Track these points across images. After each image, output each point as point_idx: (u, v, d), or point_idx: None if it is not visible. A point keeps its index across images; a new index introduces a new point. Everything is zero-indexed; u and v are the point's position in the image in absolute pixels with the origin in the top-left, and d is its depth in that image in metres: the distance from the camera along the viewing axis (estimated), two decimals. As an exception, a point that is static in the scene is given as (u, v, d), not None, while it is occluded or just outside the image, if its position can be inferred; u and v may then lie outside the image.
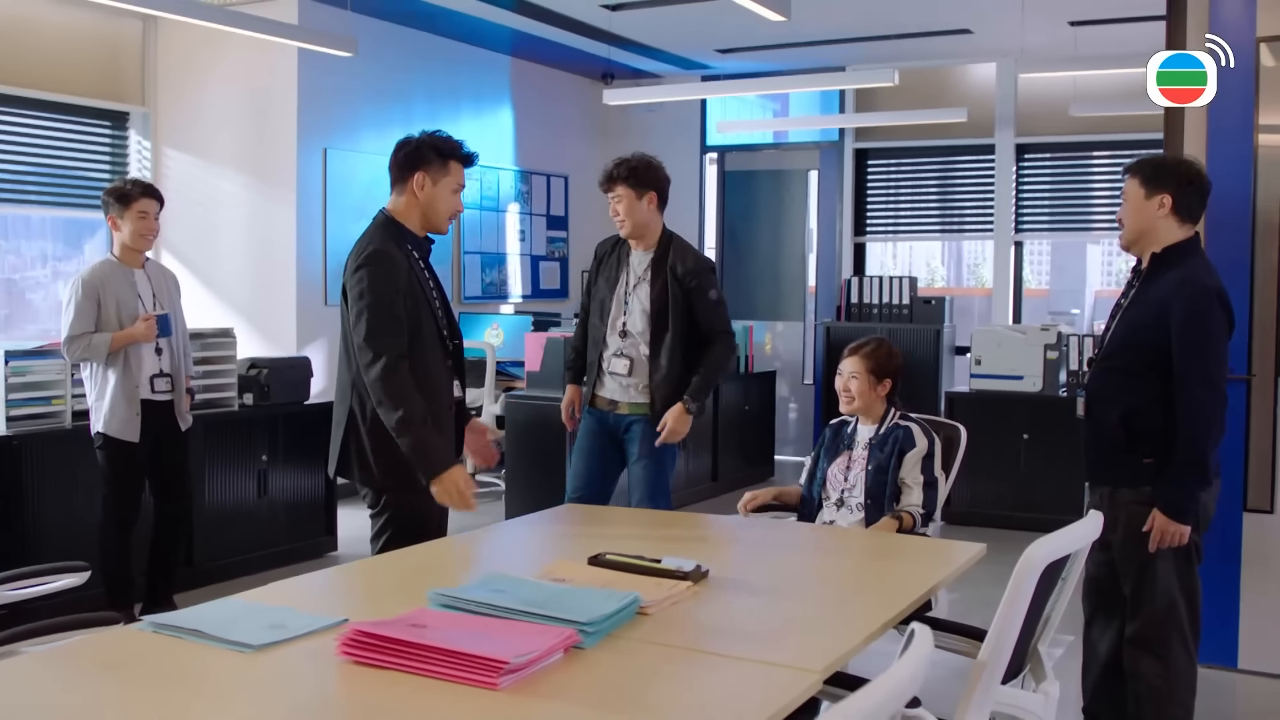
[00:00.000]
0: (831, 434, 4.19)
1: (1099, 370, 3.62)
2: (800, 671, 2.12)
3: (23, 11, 7.20)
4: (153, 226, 5.03)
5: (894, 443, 3.98)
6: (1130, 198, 3.53)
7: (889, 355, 4.11)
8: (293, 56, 7.67)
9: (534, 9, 8.13)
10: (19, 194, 7.36)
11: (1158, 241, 3.50)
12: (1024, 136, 9.49)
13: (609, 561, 2.79)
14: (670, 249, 4.55)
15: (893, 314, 9.16)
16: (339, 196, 8.04)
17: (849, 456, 4.06)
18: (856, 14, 8.17)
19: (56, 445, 5.24)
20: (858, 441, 4.08)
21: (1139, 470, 3.46)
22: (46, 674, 2.20)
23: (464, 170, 3.78)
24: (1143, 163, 3.57)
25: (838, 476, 4.05)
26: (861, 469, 4.01)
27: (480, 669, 2.02)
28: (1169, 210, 3.47)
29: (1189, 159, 3.60)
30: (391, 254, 3.60)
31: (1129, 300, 3.58)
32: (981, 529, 6.23)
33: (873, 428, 4.07)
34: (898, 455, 3.95)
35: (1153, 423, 3.43)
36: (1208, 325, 3.37)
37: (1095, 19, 8.02)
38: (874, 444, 4.02)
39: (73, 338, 4.85)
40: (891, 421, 4.06)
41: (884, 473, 3.95)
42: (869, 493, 3.95)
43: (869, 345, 4.13)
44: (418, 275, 3.65)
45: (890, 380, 4.08)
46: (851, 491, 4.00)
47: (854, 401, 4.06)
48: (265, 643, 2.22)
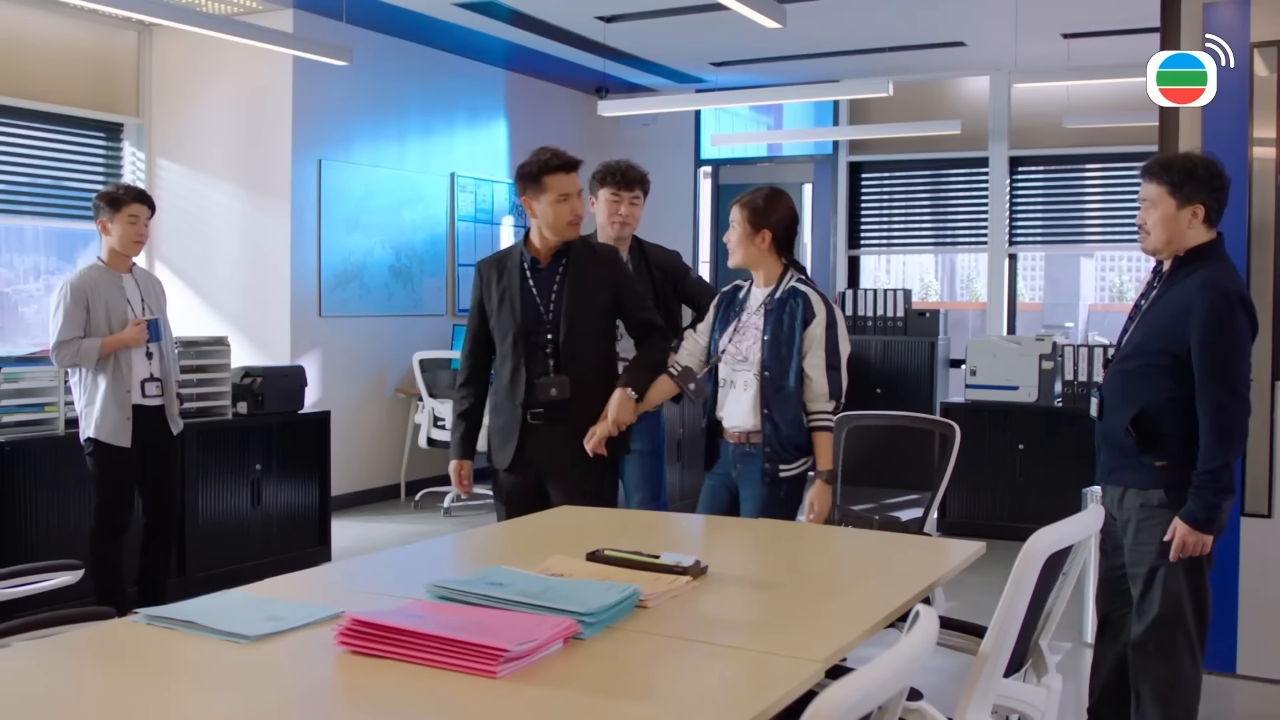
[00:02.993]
0: (725, 301, 3.94)
1: (1115, 371, 3.55)
2: (801, 661, 2.10)
3: (17, 22, 7.19)
4: (142, 232, 4.99)
5: (791, 313, 3.73)
6: (1158, 205, 3.41)
7: (767, 202, 3.81)
8: (288, 68, 7.67)
9: (529, 21, 8.15)
10: (13, 205, 7.34)
11: (1184, 246, 3.43)
12: (1018, 149, 9.52)
13: (607, 557, 2.77)
14: (644, 249, 4.70)
15: (887, 327, 9.18)
16: (333, 207, 8.04)
17: (739, 323, 3.83)
18: (850, 27, 8.19)
19: (49, 452, 5.22)
20: (749, 305, 3.83)
21: (1151, 473, 3.43)
22: (38, 664, 2.17)
23: (567, 178, 3.96)
24: (1168, 167, 3.42)
25: (728, 346, 3.83)
26: (756, 339, 3.77)
27: (479, 657, 2.00)
28: (1201, 219, 3.40)
29: (1209, 158, 3.48)
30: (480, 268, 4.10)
31: (1149, 301, 3.51)
32: (977, 539, 6.19)
33: (766, 290, 3.82)
34: (802, 328, 3.71)
35: (1166, 426, 3.39)
36: (1231, 330, 3.31)
37: (1088, 31, 8.05)
38: (769, 310, 3.77)
39: (62, 343, 4.81)
40: (788, 284, 3.80)
41: (782, 347, 3.72)
42: (766, 366, 3.73)
43: (749, 193, 3.85)
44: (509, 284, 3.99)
45: (770, 233, 3.79)
46: (744, 363, 3.78)
47: (734, 255, 3.83)
48: (262, 634, 2.19)
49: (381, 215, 8.42)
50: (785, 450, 3.75)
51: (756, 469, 3.77)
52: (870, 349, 9.18)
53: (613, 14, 7.97)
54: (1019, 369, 7.23)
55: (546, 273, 3.98)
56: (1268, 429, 4.61)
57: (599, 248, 4.18)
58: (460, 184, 9.13)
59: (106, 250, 4.99)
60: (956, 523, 6.97)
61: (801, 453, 3.78)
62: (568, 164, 3.96)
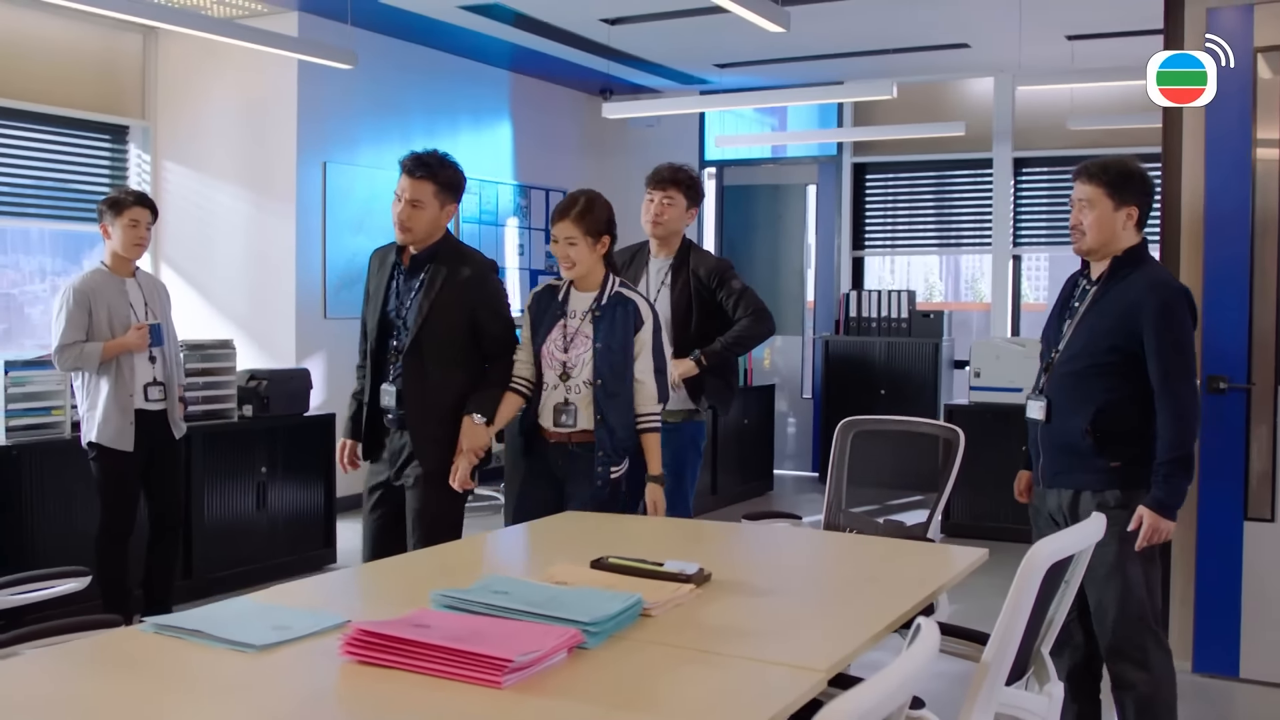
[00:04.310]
0: (538, 305, 3.92)
1: (1062, 374, 3.58)
2: (804, 671, 2.12)
3: (22, 25, 7.21)
4: (143, 236, 4.98)
5: (622, 320, 3.79)
6: (1095, 206, 3.51)
7: (604, 209, 3.84)
8: (292, 71, 7.69)
9: (533, 24, 8.16)
10: (18, 207, 7.36)
11: (1118, 248, 3.53)
12: (1021, 150, 9.52)
13: (611, 565, 2.79)
14: (690, 254, 4.64)
15: (891, 328, 9.19)
16: (338, 210, 8.05)
17: (564, 327, 3.84)
18: (854, 29, 8.19)
19: (55, 455, 5.24)
20: (573, 310, 3.85)
21: (1106, 474, 3.48)
22: (45, 673, 2.19)
23: (402, 179, 3.95)
24: (1105, 169, 3.52)
25: (554, 352, 3.84)
26: (587, 346, 3.80)
27: (484, 668, 2.01)
28: (1134, 221, 3.51)
29: (1141, 165, 3.60)
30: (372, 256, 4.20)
31: (1086, 303, 3.58)
32: (981, 540, 6.17)
33: (590, 295, 3.85)
34: (633, 333, 3.79)
35: (1122, 424, 3.45)
36: (1184, 326, 3.43)
37: (1092, 33, 8.04)
38: (597, 317, 3.81)
39: (64, 346, 4.80)
40: (613, 290, 3.85)
41: (615, 354, 3.78)
42: (599, 373, 3.77)
43: (578, 205, 3.80)
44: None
45: (609, 238, 3.84)
46: (576, 369, 3.80)
47: (574, 268, 3.80)
48: (268, 643, 2.21)
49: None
50: (617, 453, 3.84)
51: (587, 471, 3.83)
52: (874, 350, 9.19)
53: (616, 16, 7.99)
54: (1023, 371, 7.23)
55: (409, 277, 3.94)
56: (1270, 433, 4.62)
57: (472, 257, 4.05)
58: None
59: (109, 254, 5.00)
60: (961, 524, 6.97)
61: (629, 454, 3.89)
62: (405, 164, 3.96)
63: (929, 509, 4.14)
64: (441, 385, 3.91)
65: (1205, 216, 4.78)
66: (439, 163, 3.95)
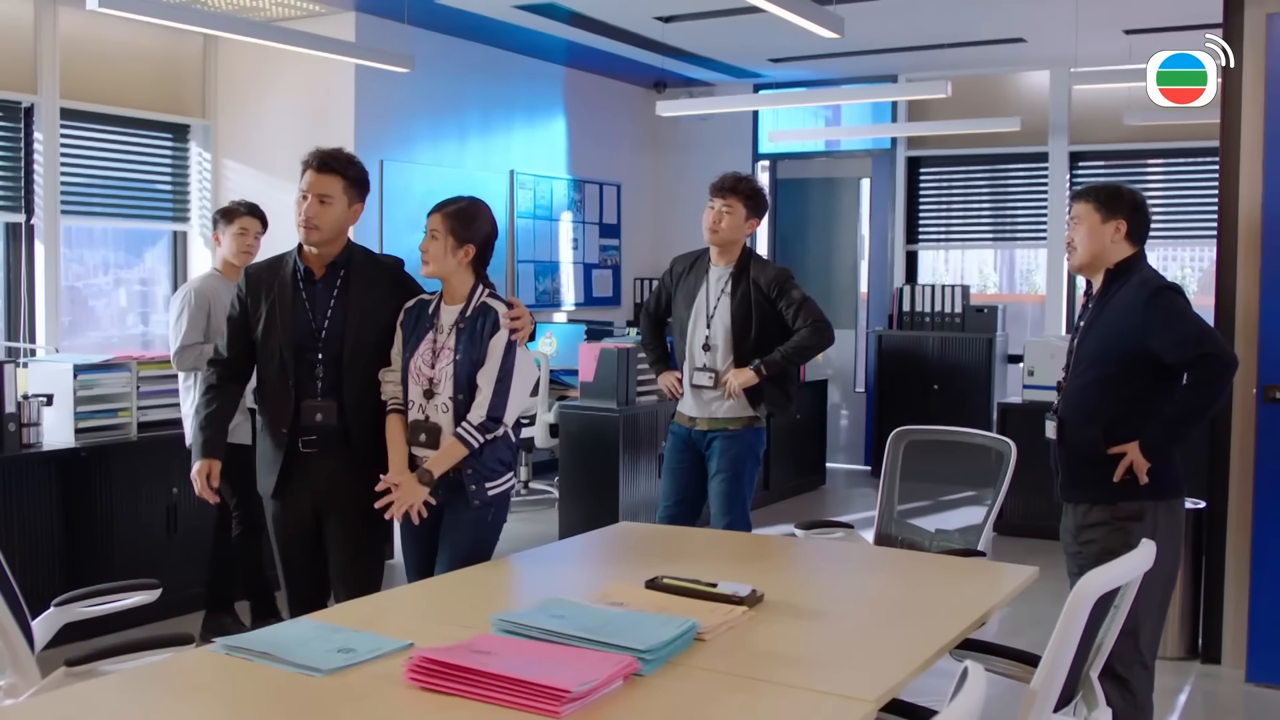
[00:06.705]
0: (410, 319, 3.60)
1: (1072, 389, 3.66)
2: (854, 701, 2.17)
3: (89, 30, 7.36)
4: (251, 244, 5.16)
5: (481, 329, 3.50)
6: (1085, 221, 3.60)
7: (473, 215, 3.56)
8: (350, 71, 7.78)
9: (587, 21, 8.20)
10: (86, 205, 7.52)
11: (1110, 260, 3.59)
12: (1078, 144, 9.45)
13: (665, 585, 2.84)
14: (750, 263, 4.66)
15: (944, 322, 9.17)
16: (395, 208, 8.15)
17: (434, 342, 3.53)
18: (909, 24, 8.16)
19: (124, 457, 5.37)
20: (442, 325, 3.55)
21: (1116, 487, 3.50)
22: (127, 696, 2.29)
23: (308, 175, 3.69)
24: (1094, 189, 3.65)
25: (421, 368, 3.53)
26: (450, 359, 3.49)
27: (544, 697, 2.08)
28: (1124, 235, 3.57)
29: (1133, 189, 3.70)
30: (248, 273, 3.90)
31: (1087, 321, 3.65)
32: (1034, 539, 6.21)
33: (458, 308, 3.55)
34: (487, 339, 3.50)
35: (1131, 433, 3.48)
36: (1175, 303, 3.48)
37: (1150, 27, 7.96)
38: (461, 329, 3.51)
39: (185, 347, 4.93)
40: (480, 300, 3.55)
41: (475, 365, 3.48)
42: (459, 387, 3.47)
43: (457, 204, 3.58)
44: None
45: (475, 248, 3.55)
46: (441, 384, 3.49)
47: (428, 265, 3.55)
48: (334, 667, 2.29)
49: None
50: (487, 469, 3.51)
51: (460, 493, 3.50)
52: (927, 345, 9.17)
53: (670, 14, 8.01)
54: (1077, 370, 7.19)
55: (322, 286, 3.65)
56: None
57: (383, 260, 3.86)
58: (520, 181, 9.21)
59: (220, 260, 5.19)
60: (1014, 524, 6.96)
61: (507, 468, 3.58)
62: (309, 160, 3.72)
63: (981, 520, 4.17)
64: (379, 393, 3.64)
65: (1263, 219, 4.75)
66: (347, 159, 3.71)
